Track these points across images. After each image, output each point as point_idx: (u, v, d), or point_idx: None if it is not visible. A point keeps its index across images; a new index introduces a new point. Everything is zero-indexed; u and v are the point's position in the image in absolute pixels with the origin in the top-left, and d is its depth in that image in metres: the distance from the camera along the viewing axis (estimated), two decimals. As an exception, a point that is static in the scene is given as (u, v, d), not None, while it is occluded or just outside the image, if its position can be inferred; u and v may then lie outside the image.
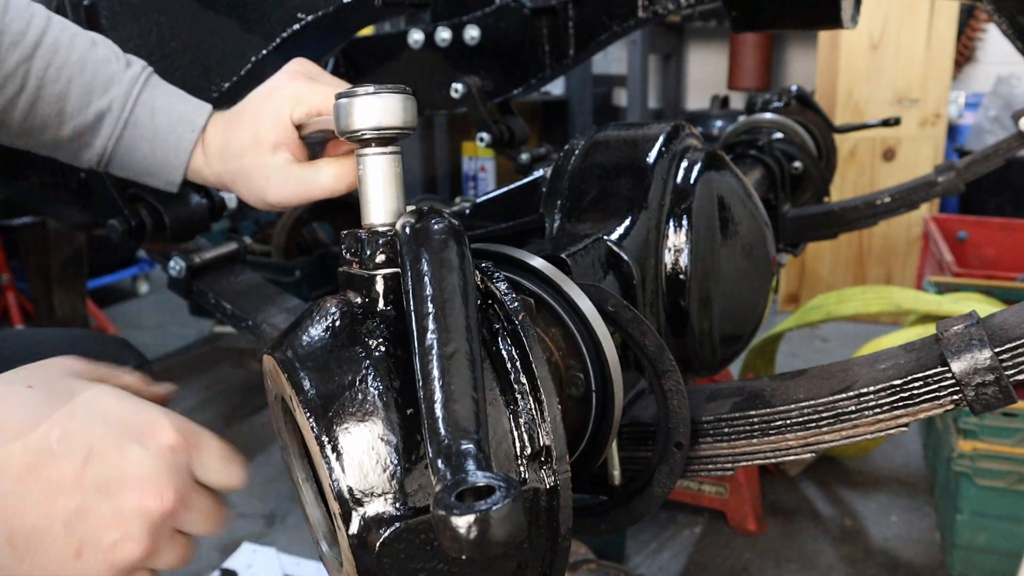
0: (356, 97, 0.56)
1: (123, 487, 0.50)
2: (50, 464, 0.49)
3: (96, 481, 0.50)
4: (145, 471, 0.51)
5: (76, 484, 0.50)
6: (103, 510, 0.50)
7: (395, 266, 0.54)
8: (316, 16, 0.98)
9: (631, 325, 0.67)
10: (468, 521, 0.36)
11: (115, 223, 1.17)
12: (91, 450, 0.50)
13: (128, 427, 0.52)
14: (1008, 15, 0.89)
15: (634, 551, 2.06)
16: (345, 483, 0.48)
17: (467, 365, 0.46)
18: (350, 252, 0.57)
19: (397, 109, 0.56)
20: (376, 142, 0.57)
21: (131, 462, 0.51)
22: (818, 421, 0.68)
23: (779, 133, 2.00)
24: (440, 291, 0.48)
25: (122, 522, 0.50)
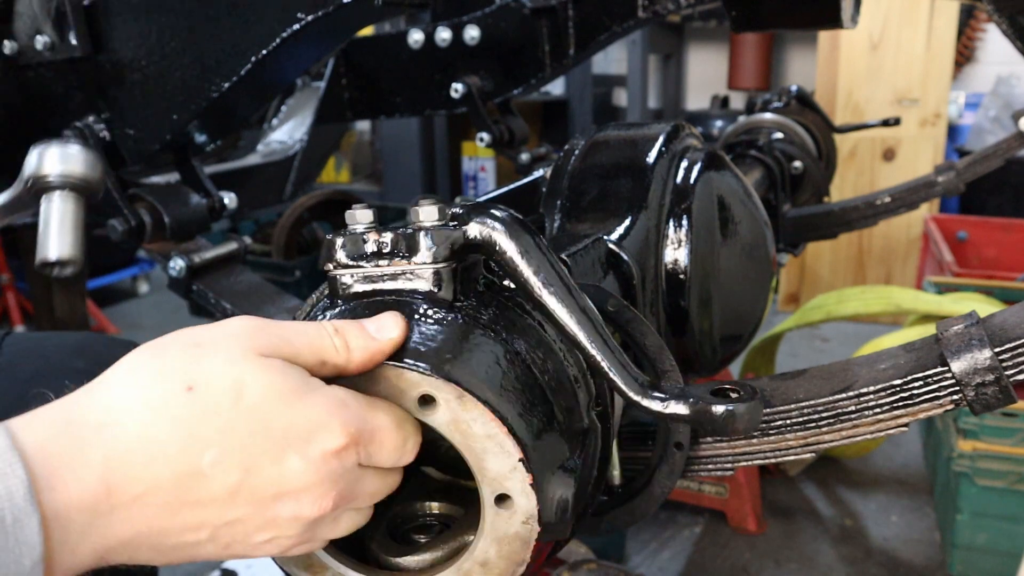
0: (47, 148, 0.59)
1: (278, 500, 0.47)
2: (200, 488, 0.45)
3: (250, 499, 0.46)
4: (303, 483, 0.47)
5: (228, 503, 0.46)
6: (255, 520, 0.47)
7: (453, 260, 0.55)
8: (316, 16, 0.98)
9: (631, 325, 0.67)
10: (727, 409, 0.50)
11: (115, 223, 1.17)
12: (247, 470, 0.46)
13: (290, 435, 0.46)
14: (1008, 15, 0.89)
15: (634, 551, 2.06)
16: (535, 452, 0.51)
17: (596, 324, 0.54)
18: (378, 253, 0.55)
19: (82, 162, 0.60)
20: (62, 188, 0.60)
21: (289, 475, 0.47)
22: (818, 421, 0.68)
23: (779, 133, 2.00)
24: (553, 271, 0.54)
25: (275, 527, 0.48)
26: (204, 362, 0.46)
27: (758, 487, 2.20)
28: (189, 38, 1.09)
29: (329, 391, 0.49)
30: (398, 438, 0.51)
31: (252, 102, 1.23)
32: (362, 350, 0.50)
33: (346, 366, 0.50)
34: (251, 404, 0.46)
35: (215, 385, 0.46)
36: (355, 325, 0.51)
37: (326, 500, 0.48)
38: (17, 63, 1.22)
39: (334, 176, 5.25)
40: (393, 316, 0.51)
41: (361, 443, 0.49)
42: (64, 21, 1.14)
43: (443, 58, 1.52)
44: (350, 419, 0.48)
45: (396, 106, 1.67)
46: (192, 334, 0.49)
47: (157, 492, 0.44)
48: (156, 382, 0.46)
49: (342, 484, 0.49)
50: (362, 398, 0.50)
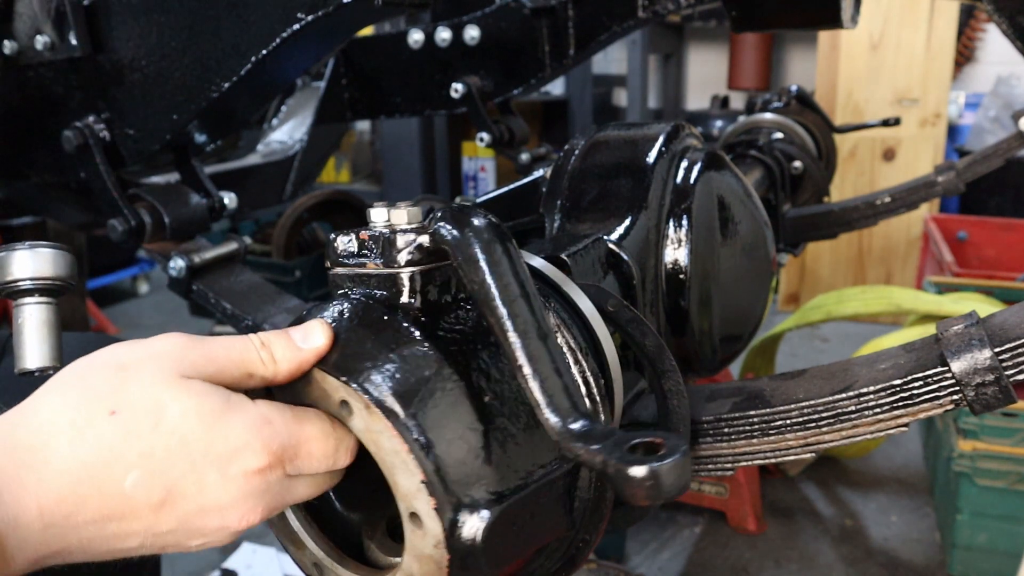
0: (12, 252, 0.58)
1: (203, 515, 0.49)
2: (125, 507, 0.47)
3: (174, 514, 0.48)
4: (226, 500, 0.49)
5: (154, 520, 0.48)
6: (183, 531, 0.49)
7: (425, 263, 0.54)
8: (316, 16, 0.98)
9: (631, 325, 0.67)
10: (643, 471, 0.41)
11: (115, 223, 1.17)
12: (168, 491, 0.48)
13: (210, 455, 0.48)
14: (1008, 15, 0.89)
15: (634, 551, 2.06)
16: (440, 475, 0.48)
17: (557, 349, 0.50)
18: (353, 253, 0.57)
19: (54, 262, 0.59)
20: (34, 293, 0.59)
21: (210, 493, 0.48)
22: (818, 421, 0.67)
23: (779, 133, 2.00)
24: (510, 281, 0.51)
25: (203, 535, 0.50)
26: (127, 386, 0.48)
27: (758, 487, 2.20)
28: (189, 38, 1.09)
29: (251, 410, 0.50)
30: (327, 447, 0.52)
31: (252, 102, 1.23)
32: (288, 361, 0.52)
33: (273, 377, 0.53)
34: (171, 426, 0.48)
35: (137, 408, 0.48)
36: (282, 336, 0.53)
37: (252, 514, 0.50)
38: (17, 63, 1.22)
39: (334, 176, 5.25)
40: (319, 323, 0.53)
41: (286, 458, 0.50)
42: (64, 21, 1.14)
43: (443, 58, 1.52)
44: (272, 437, 0.50)
45: (396, 106, 1.67)
46: (119, 355, 0.50)
47: (85, 511, 0.46)
48: (82, 405, 0.48)
49: (268, 497, 0.50)
50: (288, 412, 0.52)
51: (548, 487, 0.54)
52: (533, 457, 0.53)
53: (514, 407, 0.53)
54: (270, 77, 1.13)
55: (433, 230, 0.53)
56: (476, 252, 0.51)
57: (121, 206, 1.17)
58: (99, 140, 1.18)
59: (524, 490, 0.52)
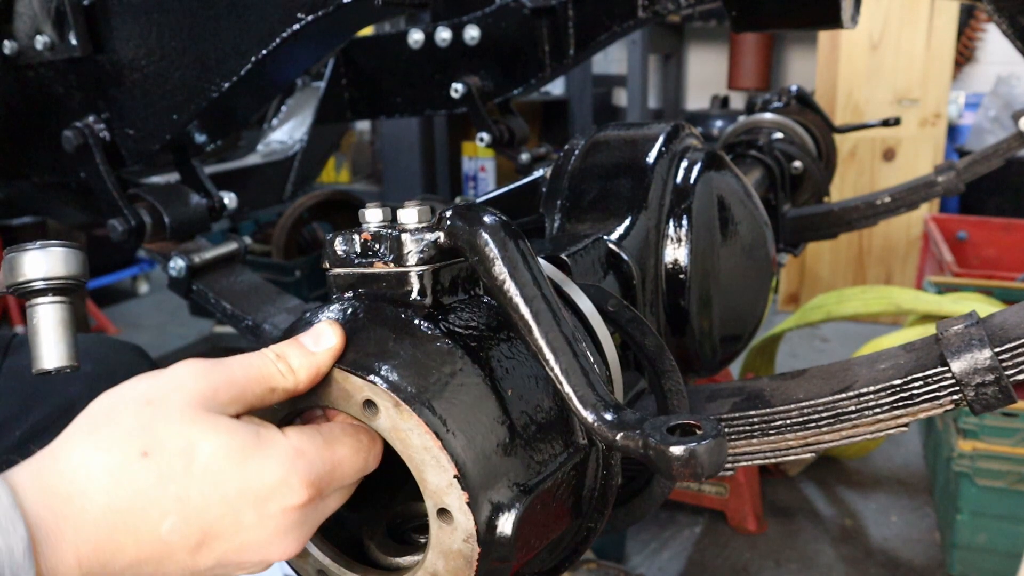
0: (24, 253, 0.58)
1: (241, 553, 0.49)
2: (162, 552, 0.47)
3: (212, 555, 0.48)
4: (264, 537, 0.49)
5: (191, 562, 0.48)
6: (223, 569, 0.49)
7: (437, 261, 0.55)
8: (316, 16, 0.98)
9: (631, 325, 0.67)
10: (683, 451, 0.43)
11: (115, 223, 1.17)
12: (205, 533, 0.47)
13: (246, 495, 0.48)
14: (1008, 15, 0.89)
15: (634, 551, 2.06)
16: (470, 470, 0.48)
17: (569, 339, 0.52)
18: (371, 252, 0.56)
19: (66, 261, 0.59)
20: (47, 292, 0.59)
21: (250, 534, 0.48)
22: (818, 421, 0.68)
23: (779, 133, 2.00)
24: (531, 280, 0.52)
25: (244, 568, 0.50)
26: (155, 424, 0.48)
27: (758, 487, 2.20)
28: (189, 38, 1.09)
29: (283, 443, 0.50)
30: (358, 463, 0.52)
31: (252, 102, 1.23)
32: (306, 368, 0.52)
33: (295, 388, 0.52)
34: (203, 466, 0.47)
35: (168, 448, 0.47)
36: (294, 344, 0.52)
37: (292, 546, 0.50)
38: (17, 63, 1.22)
39: (334, 176, 5.24)
40: (329, 325, 0.53)
41: (324, 488, 0.50)
42: (64, 21, 1.14)
43: (443, 58, 1.52)
44: (309, 469, 0.49)
45: (396, 106, 1.67)
46: (142, 389, 0.50)
47: (122, 558, 0.46)
48: (114, 447, 0.47)
49: (306, 527, 0.50)
50: (318, 436, 0.51)
51: (564, 477, 0.54)
52: (551, 448, 0.54)
53: (530, 400, 0.54)
54: (270, 77, 1.13)
55: (448, 229, 0.53)
56: (494, 250, 0.52)
57: (121, 206, 1.17)
58: (99, 140, 1.18)
59: (547, 481, 0.52)
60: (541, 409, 0.54)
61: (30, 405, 0.85)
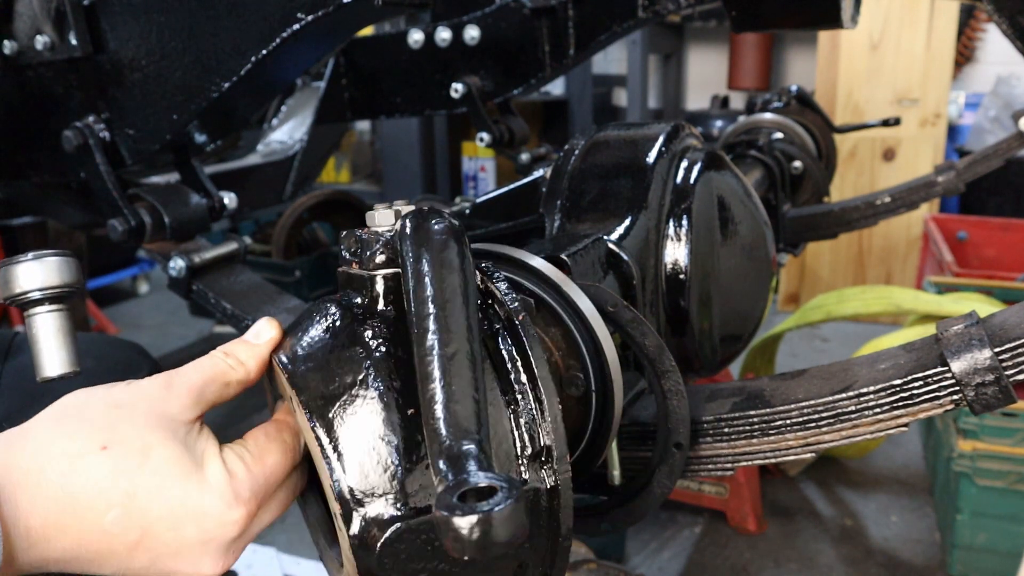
0: (17, 264, 0.59)
1: (175, 561, 0.51)
2: (102, 541, 0.50)
3: (148, 554, 0.51)
4: (201, 551, 0.51)
5: (128, 555, 0.50)
6: (156, 569, 0.51)
7: (396, 266, 0.54)
8: (316, 16, 0.98)
9: (631, 325, 0.67)
10: (470, 522, 0.36)
11: (115, 223, 1.17)
12: (145, 532, 0.50)
13: (188, 506, 0.50)
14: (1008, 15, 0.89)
15: (634, 551, 2.06)
16: (346, 483, 0.49)
17: (468, 365, 0.46)
18: (350, 252, 0.57)
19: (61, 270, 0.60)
20: (44, 302, 0.60)
21: (186, 543, 0.51)
22: (818, 421, 0.68)
23: (779, 133, 2.00)
24: (441, 291, 0.48)
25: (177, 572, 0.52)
26: (120, 424, 0.51)
27: (758, 487, 2.20)
28: (189, 38, 1.09)
29: (219, 468, 0.52)
30: (287, 463, 0.56)
31: (252, 102, 1.23)
32: (253, 358, 0.57)
33: (247, 377, 0.57)
34: (153, 468, 0.50)
35: (126, 446, 0.50)
36: (239, 341, 0.58)
37: (226, 560, 0.52)
38: (17, 63, 1.22)
39: (334, 176, 5.25)
40: (266, 321, 0.58)
41: (261, 499, 0.53)
42: (64, 21, 1.14)
43: (443, 58, 1.52)
44: (244, 487, 0.52)
45: (396, 106, 1.67)
46: (115, 393, 0.53)
47: (64, 538, 0.49)
48: (77, 436, 0.50)
49: (240, 542, 0.53)
50: (247, 453, 0.54)
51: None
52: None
53: None
54: (270, 77, 1.13)
55: (390, 235, 0.54)
56: (408, 260, 0.50)
57: (121, 206, 1.17)
58: (99, 140, 1.18)
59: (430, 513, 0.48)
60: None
61: (32, 402, 0.86)
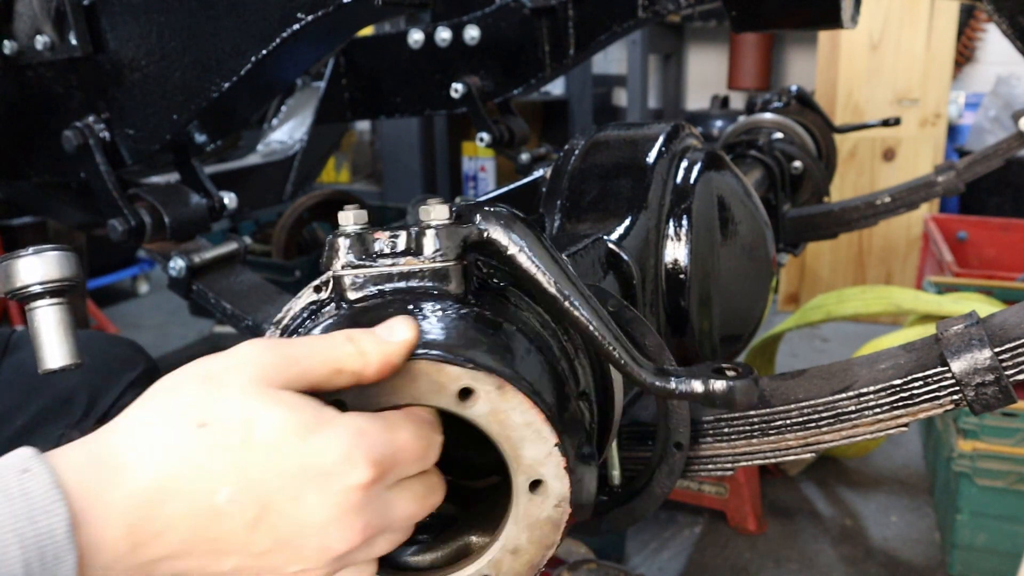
0: (18, 259, 0.60)
1: (301, 535, 0.46)
2: (218, 524, 0.45)
3: (270, 533, 0.46)
4: (326, 518, 0.46)
5: (248, 538, 0.46)
6: (280, 554, 0.47)
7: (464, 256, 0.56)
8: (316, 16, 0.98)
9: (631, 325, 0.67)
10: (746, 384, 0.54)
11: (115, 223, 1.17)
12: (264, 507, 0.45)
13: (308, 471, 0.46)
14: (1008, 15, 0.89)
15: (634, 551, 2.06)
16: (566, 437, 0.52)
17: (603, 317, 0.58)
18: (383, 253, 0.56)
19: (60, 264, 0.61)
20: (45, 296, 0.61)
21: (309, 511, 0.46)
22: (818, 421, 0.68)
23: (779, 133, 2.00)
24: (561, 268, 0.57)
25: (302, 560, 0.48)
26: (214, 397, 0.46)
27: (758, 487, 2.20)
28: (189, 38, 1.09)
29: (345, 420, 0.47)
30: (419, 450, 0.50)
31: (252, 102, 1.23)
32: (378, 354, 0.49)
33: (363, 370, 0.49)
34: (263, 440, 0.45)
35: (226, 420, 0.46)
36: (367, 332, 0.50)
37: (354, 533, 0.47)
38: (17, 63, 1.22)
39: (334, 176, 5.25)
40: (404, 319, 0.50)
41: (387, 470, 0.48)
42: (64, 21, 1.14)
43: (443, 58, 1.52)
44: (372, 448, 0.47)
45: (396, 106, 1.67)
46: (203, 366, 0.48)
47: (175, 529, 0.44)
48: (169, 420, 0.46)
49: (368, 513, 0.48)
50: (379, 419, 0.49)
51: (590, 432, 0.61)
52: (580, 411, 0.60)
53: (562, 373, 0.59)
54: (270, 77, 1.13)
55: (480, 224, 0.56)
56: (525, 243, 0.56)
57: (121, 206, 1.17)
58: (99, 140, 1.18)
59: (594, 436, 0.60)
60: (567, 384, 0.59)
61: (30, 396, 0.86)
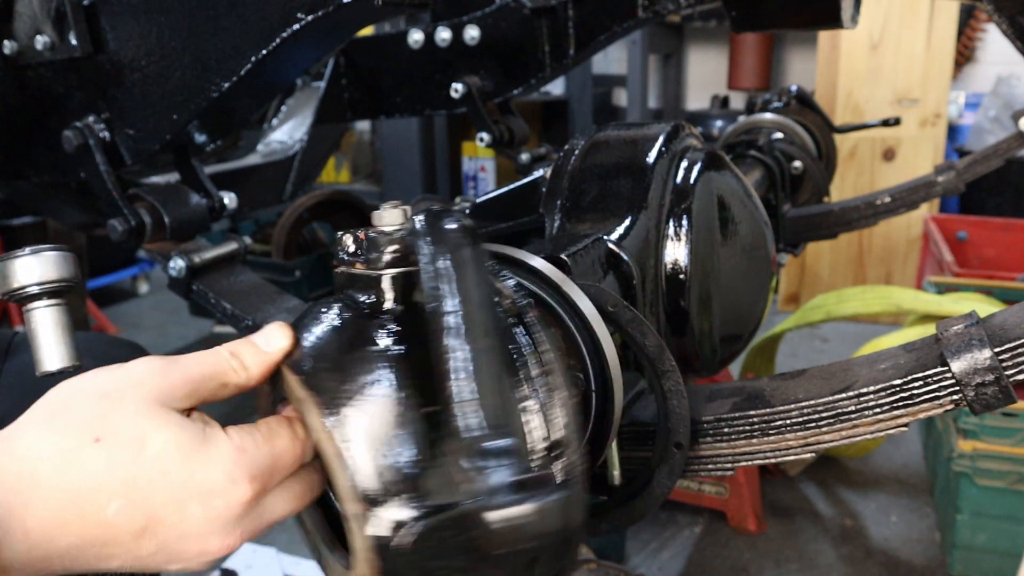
0: (15, 259, 0.59)
1: (183, 542, 0.50)
2: (107, 533, 0.49)
3: (155, 540, 0.50)
4: (207, 529, 0.50)
5: (134, 544, 0.50)
6: (163, 555, 0.51)
7: (404, 265, 0.54)
8: (316, 16, 0.98)
9: (631, 325, 0.67)
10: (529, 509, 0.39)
11: (115, 223, 1.17)
12: (150, 518, 0.49)
13: (191, 487, 0.49)
14: (1008, 15, 0.89)
15: (634, 551, 2.06)
16: (364, 483, 0.49)
17: (494, 361, 0.46)
18: (349, 252, 0.57)
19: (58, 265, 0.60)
20: (43, 296, 0.60)
21: (192, 524, 0.50)
22: (818, 421, 0.68)
23: (779, 133, 2.00)
24: (463, 288, 0.48)
25: (183, 560, 0.51)
26: (111, 415, 0.50)
27: (758, 487, 2.20)
28: (189, 38, 1.09)
29: (224, 441, 0.51)
30: (296, 452, 0.54)
31: (252, 102, 1.23)
32: (258, 365, 0.55)
33: (247, 383, 0.56)
34: (153, 455, 0.49)
35: (120, 437, 0.49)
36: (247, 343, 0.56)
37: (232, 539, 0.51)
38: (17, 63, 1.22)
39: (334, 176, 5.25)
40: (279, 327, 0.56)
41: (267, 481, 0.52)
42: (64, 21, 1.14)
43: (443, 58, 1.52)
44: (251, 464, 0.51)
45: (396, 106, 1.67)
46: (101, 382, 0.52)
47: (67, 536, 0.48)
48: (68, 432, 0.49)
49: (247, 522, 0.52)
50: (257, 432, 0.53)
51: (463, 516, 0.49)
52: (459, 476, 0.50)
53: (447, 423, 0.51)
54: (270, 77, 1.12)
55: (403, 234, 0.54)
56: (426, 258, 0.50)
57: (121, 206, 1.17)
58: (99, 140, 1.18)
59: (454, 510, 0.48)
60: None
61: (30, 400, 0.86)
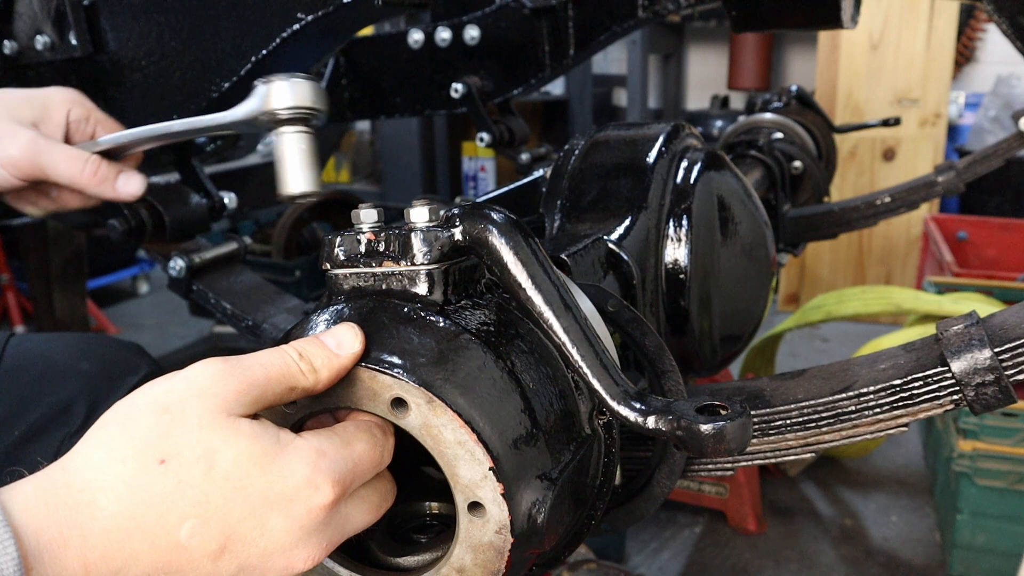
0: (273, 83, 0.61)
1: (266, 559, 0.48)
2: (181, 558, 0.46)
3: (235, 561, 0.47)
4: (290, 540, 0.48)
5: (212, 568, 0.47)
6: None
7: (449, 259, 0.55)
8: (316, 16, 0.98)
9: (631, 325, 0.67)
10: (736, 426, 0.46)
11: (115, 223, 1.17)
12: (228, 537, 0.46)
13: (270, 498, 0.47)
14: (1008, 15, 0.89)
15: (634, 551, 2.06)
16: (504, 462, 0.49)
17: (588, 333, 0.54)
18: (369, 253, 0.56)
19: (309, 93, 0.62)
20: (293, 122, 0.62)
21: (275, 538, 0.47)
22: (818, 421, 0.68)
23: (779, 133, 2.00)
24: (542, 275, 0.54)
25: None
26: (173, 431, 0.46)
27: (758, 487, 2.20)
28: (189, 38, 1.09)
29: (303, 445, 0.49)
30: (375, 457, 0.52)
31: (252, 102, 1.23)
32: (327, 368, 0.51)
33: (314, 387, 0.51)
34: (224, 472, 0.46)
35: (186, 455, 0.46)
36: (316, 344, 0.51)
37: (317, 551, 0.49)
38: (17, 63, 1.22)
39: (334, 176, 5.25)
40: (350, 328, 0.52)
41: (347, 485, 0.50)
42: (64, 21, 1.14)
43: (443, 58, 1.52)
44: (332, 468, 0.49)
45: (396, 106, 1.67)
46: (159, 396, 0.48)
47: (137, 565, 0.45)
48: (129, 456, 0.45)
49: (330, 531, 0.49)
50: (335, 435, 0.50)
51: (576, 466, 0.56)
52: (564, 439, 0.55)
53: (545, 393, 0.55)
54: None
55: (462, 227, 0.54)
56: (510, 248, 0.53)
57: (121, 206, 1.17)
58: (99, 140, 1.18)
59: (567, 470, 0.54)
60: (555, 402, 0.55)
61: (27, 404, 0.84)
